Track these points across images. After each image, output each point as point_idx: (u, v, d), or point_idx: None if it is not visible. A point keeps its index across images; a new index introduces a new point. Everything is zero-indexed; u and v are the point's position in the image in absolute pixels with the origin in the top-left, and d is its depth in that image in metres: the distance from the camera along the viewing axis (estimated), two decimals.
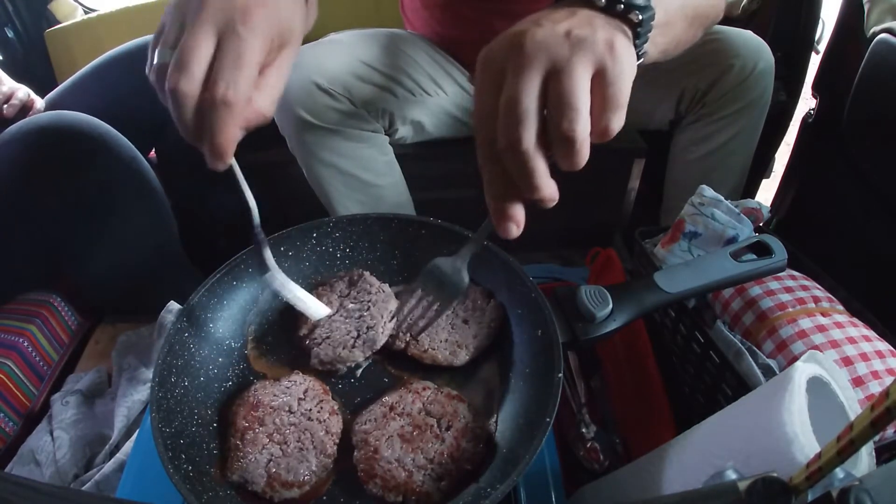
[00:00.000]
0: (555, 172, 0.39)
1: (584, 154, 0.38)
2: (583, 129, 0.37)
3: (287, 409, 0.51)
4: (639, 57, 0.43)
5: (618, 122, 0.39)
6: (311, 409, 0.52)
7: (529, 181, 0.38)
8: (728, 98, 0.88)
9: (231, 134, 0.42)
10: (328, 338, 0.57)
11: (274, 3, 0.44)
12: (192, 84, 0.40)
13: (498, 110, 0.38)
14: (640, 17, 0.42)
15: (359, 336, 0.57)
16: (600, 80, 0.38)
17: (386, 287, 0.61)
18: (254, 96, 0.43)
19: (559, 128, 0.37)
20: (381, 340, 0.56)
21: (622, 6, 0.41)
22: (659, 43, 0.48)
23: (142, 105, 0.95)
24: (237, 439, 0.50)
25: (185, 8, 0.42)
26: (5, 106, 0.86)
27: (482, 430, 0.50)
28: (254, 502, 0.48)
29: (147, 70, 0.44)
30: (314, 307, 0.56)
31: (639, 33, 0.42)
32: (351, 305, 0.60)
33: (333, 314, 0.59)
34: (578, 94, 0.37)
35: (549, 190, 0.39)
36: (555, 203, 0.40)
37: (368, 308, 0.59)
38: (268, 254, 0.52)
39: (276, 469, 0.48)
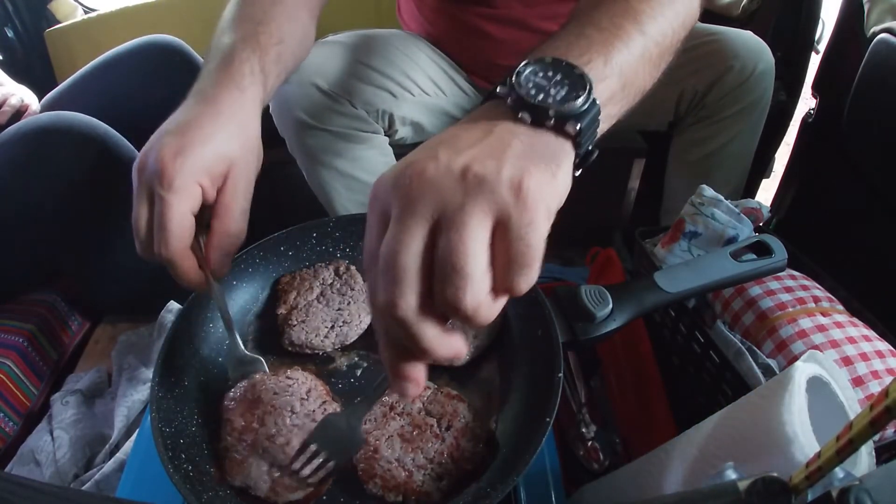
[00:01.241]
0: None
1: (484, 316, 0.30)
2: (472, 298, 0.29)
3: (289, 409, 0.51)
4: (582, 159, 0.36)
5: (527, 282, 0.31)
6: (314, 411, 0.52)
7: (416, 346, 0.31)
8: (728, 99, 0.88)
9: (189, 276, 0.46)
10: (304, 322, 0.58)
11: (194, 143, 0.46)
12: (145, 250, 0.47)
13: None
14: (579, 125, 0.34)
15: (333, 328, 0.58)
16: (503, 233, 0.30)
17: None
18: (216, 227, 0.47)
19: (443, 295, 0.29)
20: (353, 337, 0.59)
21: (552, 121, 0.34)
22: (614, 115, 0.40)
23: (142, 106, 0.95)
24: (234, 439, 0.49)
25: (133, 177, 0.47)
26: None
27: (482, 429, 0.50)
28: (254, 503, 0.48)
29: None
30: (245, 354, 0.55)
31: (579, 143, 0.35)
32: (332, 296, 0.61)
33: (316, 297, 0.61)
34: (468, 254, 0.29)
35: (444, 351, 0.31)
36: (462, 361, 0.33)
37: (349, 304, 0.60)
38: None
39: (281, 474, 0.47)
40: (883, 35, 0.84)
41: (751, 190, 1.14)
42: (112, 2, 1.34)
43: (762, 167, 1.10)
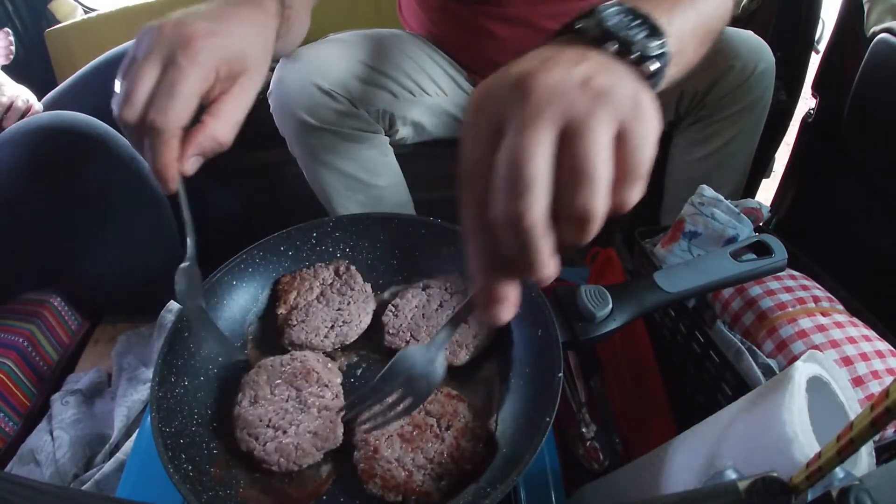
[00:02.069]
0: None
1: (594, 231, 0.31)
2: (601, 205, 0.30)
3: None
4: None
5: (635, 195, 0.32)
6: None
7: (532, 261, 0.30)
8: (728, 99, 0.88)
9: (167, 159, 0.43)
10: (304, 322, 0.59)
11: (225, 32, 0.45)
12: (132, 112, 0.43)
13: (492, 169, 0.30)
14: (657, 65, 0.35)
15: (333, 327, 0.58)
16: (622, 145, 0.31)
17: (368, 287, 0.63)
18: (208, 123, 0.45)
19: (572, 203, 0.29)
20: (353, 337, 0.59)
21: (637, 55, 0.34)
22: (668, 77, 0.40)
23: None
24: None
25: (143, 40, 0.44)
26: (4, 119, 0.86)
27: (482, 429, 0.50)
28: (254, 500, 0.48)
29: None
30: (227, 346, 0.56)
31: (652, 84, 0.36)
32: (332, 295, 0.61)
33: (316, 297, 0.61)
34: (599, 160, 0.29)
35: (552, 267, 0.31)
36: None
37: (349, 303, 0.60)
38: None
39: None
40: (883, 35, 0.84)
41: (751, 190, 1.14)
42: (112, 2, 1.34)
43: (762, 167, 1.10)
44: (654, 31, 0.36)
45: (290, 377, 0.53)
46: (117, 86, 0.45)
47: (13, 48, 0.91)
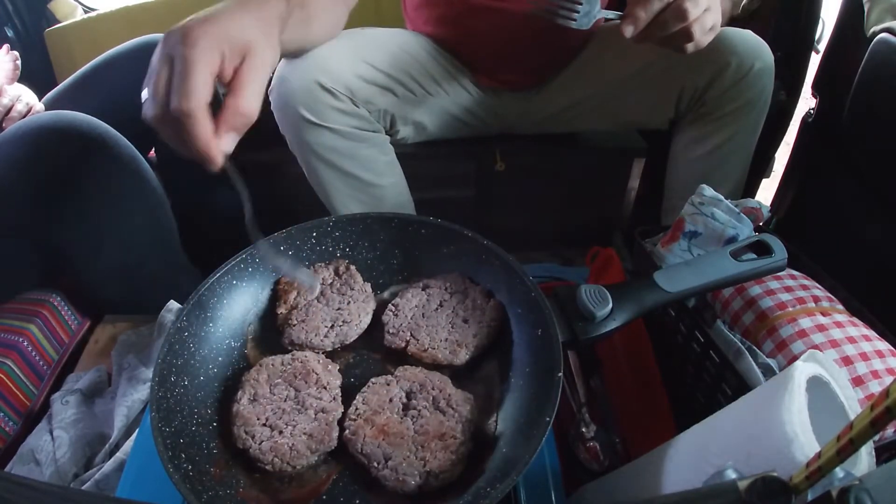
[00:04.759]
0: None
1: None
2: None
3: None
4: None
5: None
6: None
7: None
8: (727, 96, 0.88)
9: (203, 137, 0.46)
10: (304, 321, 0.59)
11: (220, 20, 0.48)
12: (157, 108, 0.46)
13: None
14: None
15: (332, 327, 0.58)
16: None
17: (368, 287, 0.63)
18: (229, 100, 0.48)
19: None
20: (353, 337, 0.59)
21: None
22: None
23: (142, 105, 0.95)
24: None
25: (155, 51, 0.48)
26: (4, 120, 0.86)
27: (482, 429, 0.50)
28: (254, 500, 0.48)
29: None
30: (305, 275, 0.59)
31: None
32: (332, 295, 0.61)
33: (315, 295, 0.61)
34: None
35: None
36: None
37: (349, 303, 0.60)
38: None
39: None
40: (883, 35, 0.84)
41: (751, 189, 1.14)
42: (112, 2, 1.34)
43: (762, 167, 1.10)
44: None
45: (290, 377, 0.53)
46: (143, 95, 0.48)
47: (18, 71, 0.91)
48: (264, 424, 0.50)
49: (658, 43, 0.66)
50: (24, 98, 0.88)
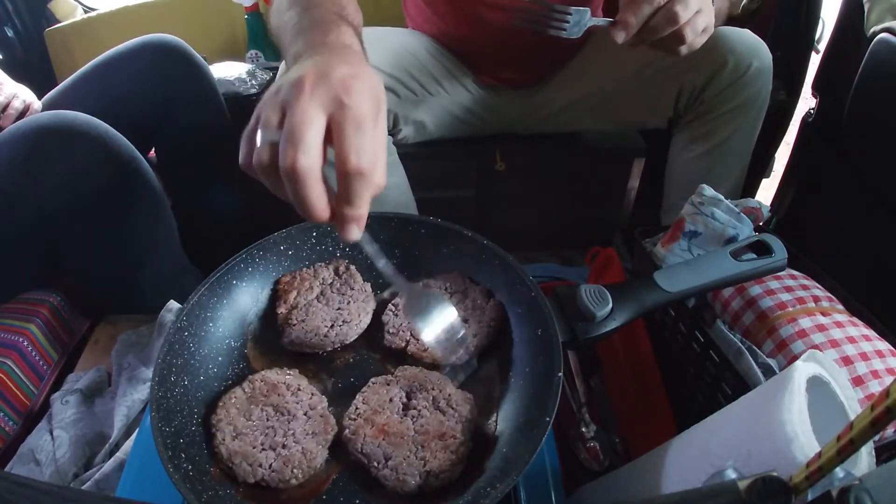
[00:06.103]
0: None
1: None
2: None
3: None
4: None
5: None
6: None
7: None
8: (725, 95, 0.88)
9: (367, 204, 0.41)
10: (304, 321, 0.58)
11: (365, 74, 0.43)
12: (310, 158, 0.39)
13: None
14: None
15: (332, 327, 0.58)
16: None
17: (368, 287, 0.63)
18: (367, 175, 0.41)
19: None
20: (353, 336, 0.59)
21: None
22: None
23: (142, 105, 0.95)
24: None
25: (284, 95, 0.41)
26: (1, 117, 0.86)
27: (482, 429, 0.50)
28: (254, 500, 0.48)
29: (241, 158, 0.43)
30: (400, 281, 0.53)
31: None
32: (332, 295, 0.61)
33: (316, 297, 0.61)
34: None
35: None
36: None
37: (348, 303, 0.60)
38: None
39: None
40: (883, 35, 0.84)
41: (751, 189, 1.14)
42: (112, 1, 1.34)
43: (762, 167, 1.10)
44: None
45: (259, 399, 0.52)
46: (256, 140, 0.42)
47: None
48: (264, 449, 0.49)
49: (651, 46, 0.65)
50: (22, 96, 0.88)
